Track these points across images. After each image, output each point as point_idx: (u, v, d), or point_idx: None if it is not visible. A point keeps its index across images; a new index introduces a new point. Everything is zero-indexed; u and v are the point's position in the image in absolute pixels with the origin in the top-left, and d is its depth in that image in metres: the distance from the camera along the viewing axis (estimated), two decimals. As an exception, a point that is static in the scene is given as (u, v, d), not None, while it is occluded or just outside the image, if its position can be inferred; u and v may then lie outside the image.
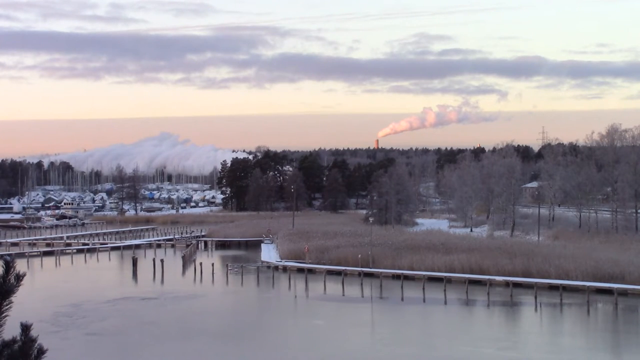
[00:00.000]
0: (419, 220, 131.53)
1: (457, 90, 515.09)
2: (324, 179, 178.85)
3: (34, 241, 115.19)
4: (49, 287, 73.81)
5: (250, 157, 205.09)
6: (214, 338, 51.22)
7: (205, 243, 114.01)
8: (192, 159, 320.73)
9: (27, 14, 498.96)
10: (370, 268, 77.23)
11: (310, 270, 79.43)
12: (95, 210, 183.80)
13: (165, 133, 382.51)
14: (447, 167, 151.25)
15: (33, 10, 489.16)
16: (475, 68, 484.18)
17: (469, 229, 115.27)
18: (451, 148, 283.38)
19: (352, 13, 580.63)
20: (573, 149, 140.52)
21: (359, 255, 79.67)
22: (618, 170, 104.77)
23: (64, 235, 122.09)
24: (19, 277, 4.80)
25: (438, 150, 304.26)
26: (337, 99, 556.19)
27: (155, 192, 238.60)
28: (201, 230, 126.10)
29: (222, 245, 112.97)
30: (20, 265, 5.15)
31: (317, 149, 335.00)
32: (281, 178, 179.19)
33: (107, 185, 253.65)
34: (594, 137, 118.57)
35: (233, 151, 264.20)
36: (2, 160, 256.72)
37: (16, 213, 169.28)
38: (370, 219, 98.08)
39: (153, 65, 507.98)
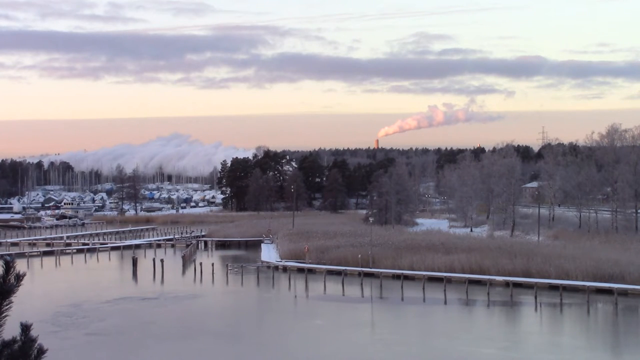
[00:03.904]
0: (419, 220, 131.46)
1: (457, 90, 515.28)
2: (324, 179, 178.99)
3: (34, 241, 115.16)
4: (49, 287, 73.80)
5: (250, 155, 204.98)
6: (214, 338, 51.22)
7: (205, 243, 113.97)
8: (187, 159, 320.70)
9: (26, 13, 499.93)
10: (370, 268, 77.19)
11: (310, 270, 79.40)
12: (95, 210, 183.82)
13: (176, 133, 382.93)
14: (447, 167, 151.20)
15: (31, 9, 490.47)
16: (475, 68, 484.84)
17: (469, 229, 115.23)
18: (451, 148, 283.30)
19: (352, 13, 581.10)
20: (573, 149, 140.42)
21: (359, 255, 79.65)
22: (618, 170, 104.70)
23: (64, 235, 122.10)
24: (19, 277, 4.80)
25: (438, 150, 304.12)
26: (337, 99, 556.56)
27: (155, 192, 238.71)
28: (201, 230, 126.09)
29: (222, 245, 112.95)
30: (20, 265, 5.14)
31: (317, 149, 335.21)
32: (281, 178, 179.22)
33: (107, 185, 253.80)
34: (594, 137, 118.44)
35: (234, 148, 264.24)
36: (2, 160, 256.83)
37: (16, 213, 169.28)
38: (370, 219, 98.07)
39: (152, 65, 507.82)
